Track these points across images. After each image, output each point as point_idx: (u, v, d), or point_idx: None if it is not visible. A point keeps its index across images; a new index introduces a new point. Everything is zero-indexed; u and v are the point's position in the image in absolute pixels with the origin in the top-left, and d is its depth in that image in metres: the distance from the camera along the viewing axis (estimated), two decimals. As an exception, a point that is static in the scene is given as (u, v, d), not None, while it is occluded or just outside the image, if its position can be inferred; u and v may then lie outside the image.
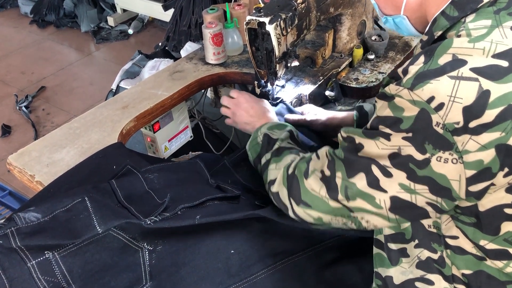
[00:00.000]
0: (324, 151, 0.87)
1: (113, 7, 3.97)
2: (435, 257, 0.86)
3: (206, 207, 0.97)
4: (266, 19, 1.10)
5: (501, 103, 0.66)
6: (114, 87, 2.28)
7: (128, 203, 0.95)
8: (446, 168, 0.70)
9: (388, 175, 0.74)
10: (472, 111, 0.66)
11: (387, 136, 0.74)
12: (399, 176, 0.73)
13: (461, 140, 0.67)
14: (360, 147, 0.78)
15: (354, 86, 1.38)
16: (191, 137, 1.64)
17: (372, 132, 0.77)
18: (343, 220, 0.82)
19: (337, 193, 0.80)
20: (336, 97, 1.38)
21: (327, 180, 0.82)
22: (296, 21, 1.16)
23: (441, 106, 0.67)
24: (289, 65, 1.23)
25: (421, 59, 0.72)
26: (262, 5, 1.44)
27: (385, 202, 0.76)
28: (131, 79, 2.30)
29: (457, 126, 0.67)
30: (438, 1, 0.80)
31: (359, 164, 0.78)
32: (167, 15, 3.04)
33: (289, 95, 1.30)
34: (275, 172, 0.94)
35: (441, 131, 0.68)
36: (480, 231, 0.78)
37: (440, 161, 0.69)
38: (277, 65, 1.18)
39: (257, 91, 1.31)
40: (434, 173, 0.71)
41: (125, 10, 3.92)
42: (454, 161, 0.69)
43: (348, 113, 1.23)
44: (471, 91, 0.66)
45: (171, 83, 1.45)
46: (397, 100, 0.72)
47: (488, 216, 0.76)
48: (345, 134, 0.83)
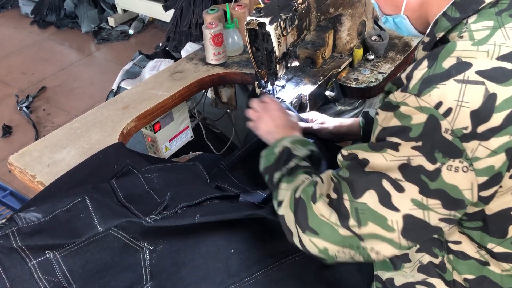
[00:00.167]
0: (327, 174, 0.83)
1: (114, 8, 3.97)
2: (436, 261, 0.86)
3: (206, 206, 0.97)
4: (266, 20, 1.11)
5: (508, 106, 0.65)
6: (114, 87, 2.28)
7: (128, 203, 0.95)
8: (457, 178, 0.68)
9: (400, 189, 0.71)
10: (479, 115, 0.65)
11: (395, 146, 0.71)
12: (412, 190, 0.70)
13: (470, 146, 0.66)
14: (365, 162, 0.74)
15: (354, 86, 1.38)
16: (191, 137, 1.64)
17: (378, 144, 0.74)
18: (350, 252, 0.77)
19: (349, 218, 0.74)
20: (336, 97, 1.38)
21: (335, 204, 0.77)
22: (296, 22, 1.16)
23: (449, 111, 0.66)
24: (289, 65, 1.23)
25: (425, 63, 0.71)
26: (262, 5, 1.45)
27: (397, 223, 0.72)
28: (131, 79, 2.30)
29: (465, 131, 0.66)
30: (439, 1, 0.80)
31: (367, 180, 0.73)
32: (167, 16, 3.04)
33: (289, 95, 1.31)
34: (284, 192, 0.87)
35: (450, 138, 0.66)
36: (487, 234, 0.78)
37: (451, 170, 0.68)
38: (277, 66, 1.18)
39: (258, 91, 1.32)
40: (446, 184, 0.69)
41: (125, 10, 3.92)
42: (464, 169, 0.67)
43: (354, 120, 1.21)
44: (478, 95, 0.65)
45: (172, 84, 1.46)
46: (403, 108, 0.70)
47: (495, 219, 0.75)
48: (346, 152, 0.79)
